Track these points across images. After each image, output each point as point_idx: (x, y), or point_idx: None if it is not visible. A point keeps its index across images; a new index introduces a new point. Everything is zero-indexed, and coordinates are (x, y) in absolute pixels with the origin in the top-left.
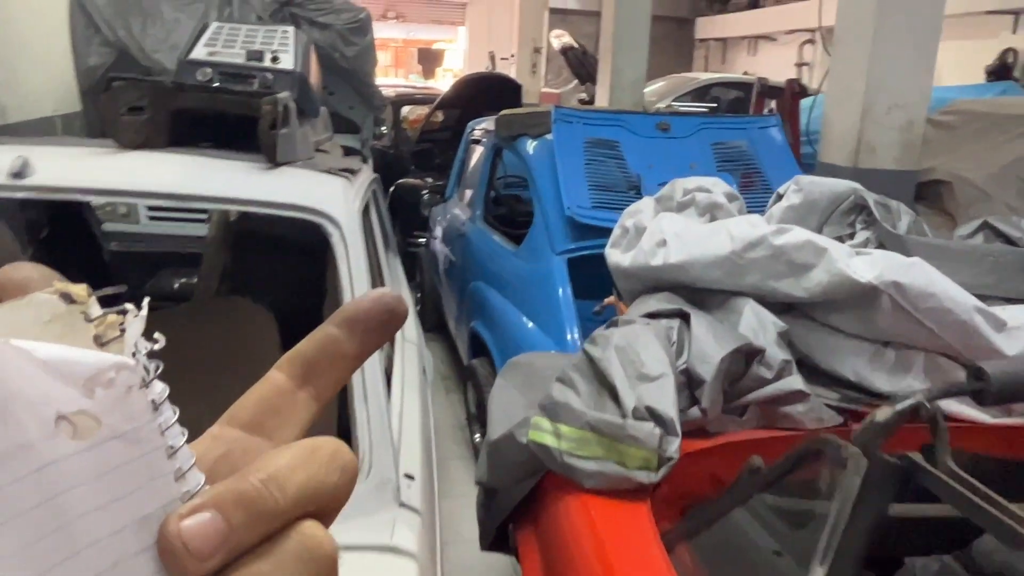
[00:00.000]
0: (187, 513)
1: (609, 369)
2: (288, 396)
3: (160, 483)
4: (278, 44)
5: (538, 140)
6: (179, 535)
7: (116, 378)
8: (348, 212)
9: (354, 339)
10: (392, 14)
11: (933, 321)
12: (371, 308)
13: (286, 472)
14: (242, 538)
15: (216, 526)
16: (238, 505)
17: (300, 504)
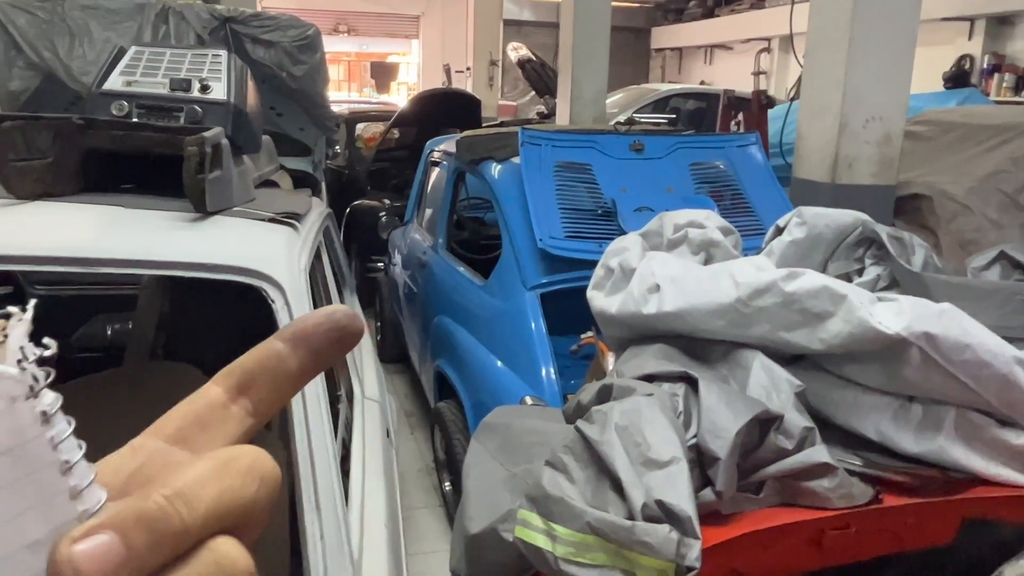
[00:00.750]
0: (80, 536)
1: (610, 454)
2: (219, 409)
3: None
4: (208, 71)
5: (504, 164)
6: (70, 561)
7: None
8: (292, 271)
9: (298, 356)
10: (343, 27)
11: (968, 375)
12: (319, 324)
13: (195, 487)
14: (144, 561)
15: (113, 549)
16: (139, 525)
17: (211, 520)
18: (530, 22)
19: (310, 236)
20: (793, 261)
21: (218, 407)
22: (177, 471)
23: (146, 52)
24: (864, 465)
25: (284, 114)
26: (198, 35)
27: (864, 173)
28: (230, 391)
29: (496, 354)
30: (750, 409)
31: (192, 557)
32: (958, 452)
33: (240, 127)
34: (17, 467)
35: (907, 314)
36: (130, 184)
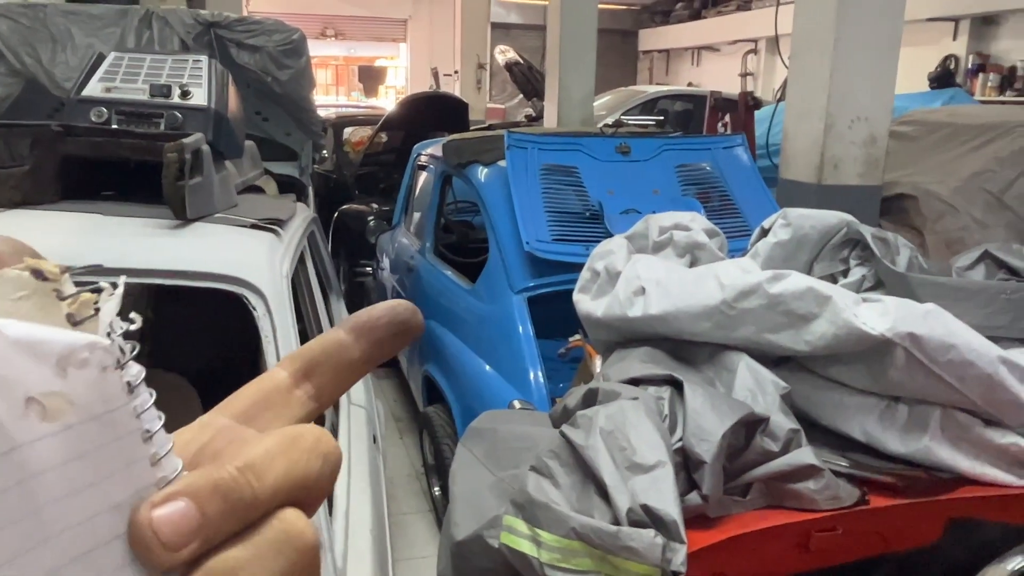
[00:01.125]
0: (160, 501)
1: (595, 459)
2: (284, 392)
3: (135, 468)
4: (188, 76)
5: (490, 167)
6: (150, 524)
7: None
8: (274, 278)
9: (360, 346)
10: (331, 32)
11: (953, 375)
12: (382, 317)
13: (265, 460)
14: (217, 527)
15: (189, 515)
16: (214, 494)
17: (279, 493)
18: (518, 25)
19: (293, 242)
20: (779, 262)
21: (283, 390)
22: (246, 446)
23: (126, 58)
24: (850, 466)
25: (270, 119)
26: (182, 40)
27: (850, 174)
28: (295, 375)
29: (484, 358)
30: (735, 412)
31: (261, 526)
32: (944, 452)
33: (221, 132)
34: (105, 433)
35: (892, 315)
36: (110, 191)
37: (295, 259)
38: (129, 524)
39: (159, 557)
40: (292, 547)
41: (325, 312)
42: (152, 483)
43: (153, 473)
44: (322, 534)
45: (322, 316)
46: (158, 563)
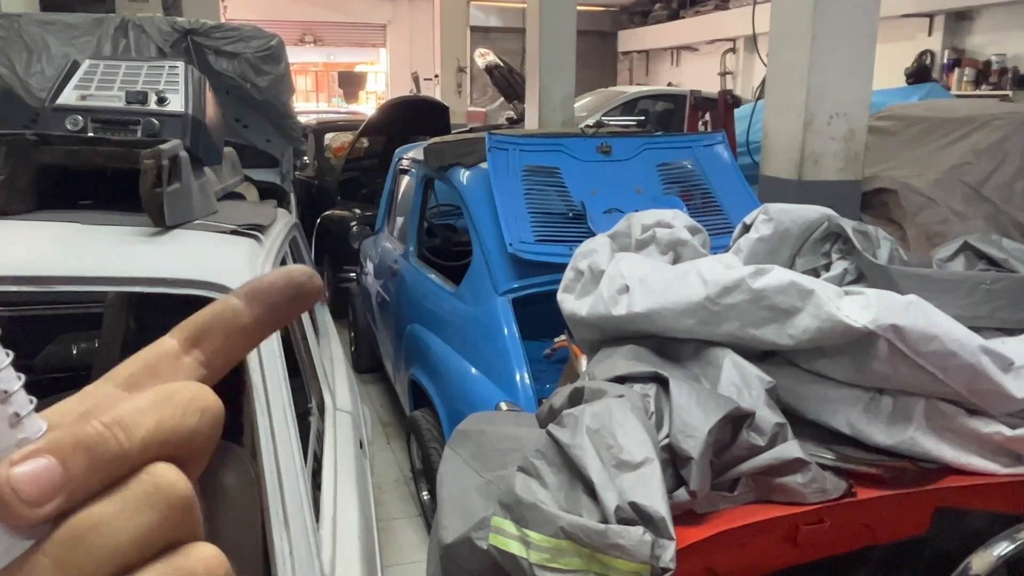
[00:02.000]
0: (19, 459)
1: (582, 457)
2: (171, 359)
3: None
4: (165, 83)
5: (472, 169)
6: (7, 482)
7: None
8: None
9: (253, 311)
10: (310, 38)
11: (936, 366)
12: (276, 281)
13: (134, 415)
14: (82, 483)
15: (51, 471)
16: (77, 449)
17: (150, 448)
18: (497, 28)
19: (274, 247)
20: (761, 258)
21: (171, 356)
22: (117, 403)
23: (101, 65)
24: (837, 459)
25: (250, 126)
26: (159, 48)
27: (830, 169)
28: (183, 343)
29: (470, 361)
30: (721, 407)
31: (130, 480)
32: (928, 442)
33: (199, 139)
34: None
35: (874, 307)
36: (88, 200)
37: (276, 265)
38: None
39: (20, 513)
40: (163, 500)
41: (308, 317)
42: (13, 444)
43: (13, 435)
44: (308, 539)
45: (305, 322)
46: (19, 520)
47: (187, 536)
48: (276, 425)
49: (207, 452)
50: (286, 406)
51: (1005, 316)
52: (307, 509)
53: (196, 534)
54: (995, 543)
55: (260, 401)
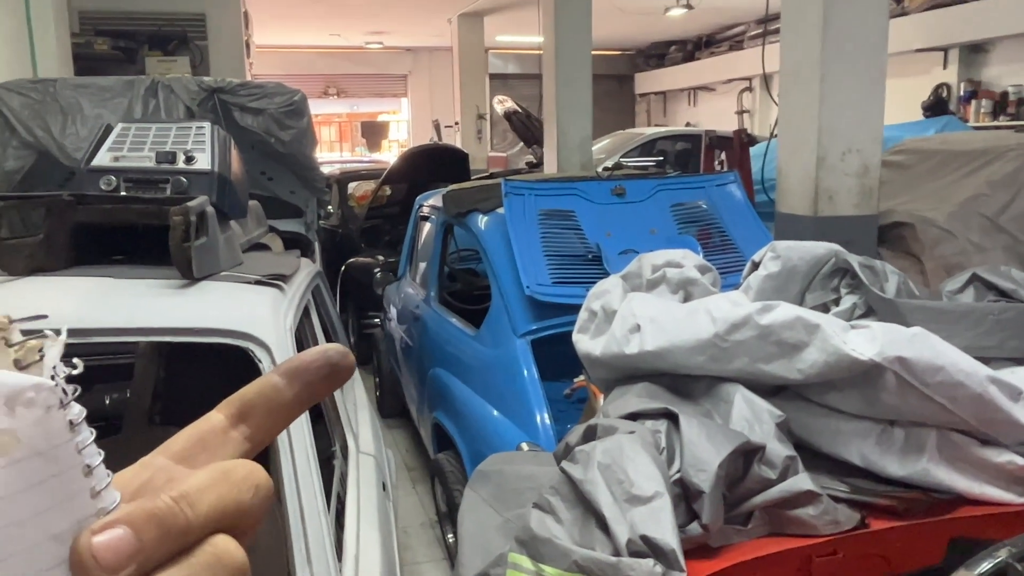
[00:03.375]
0: (99, 529)
1: (594, 493)
2: (220, 433)
3: (76, 500)
4: (192, 143)
5: (490, 215)
6: (89, 549)
7: (36, 398)
8: (279, 331)
9: (293, 388)
10: (333, 90)
11: (944, 396)
12: (314, 361)
13: (197, 491)
14: (153, 552)
15: (127, 541)
16: (149, 521)
17: (212, 521)
18: (515, 75)
19: (297, 296)
20: (770, 294)
21: (219, 431)
22: (181, 479)
23: (132, 128)
24: (850, 491)
25: (274, 178)
26: (187, 107)
27: (845, 204)
28: (231, 418)
29: (491, 403)
30: (731, 441)
31: (195, 550)
32: (942, 473)
33: (225, 194)
34: (48, 467)
35: (879, 340)
36: (120, 255)
37: (299, 312)
38: (71, 550)
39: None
40: (223, 569)
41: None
42: (92, 514)
43: (93, 505)
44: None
45: None
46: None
47: None
48: (299, 468)
49: (258, 524)
50: (309, 449)
51: (1014, 346)
52: (329, 549)
53: None
54: (977, 562)
55: (284, 445)
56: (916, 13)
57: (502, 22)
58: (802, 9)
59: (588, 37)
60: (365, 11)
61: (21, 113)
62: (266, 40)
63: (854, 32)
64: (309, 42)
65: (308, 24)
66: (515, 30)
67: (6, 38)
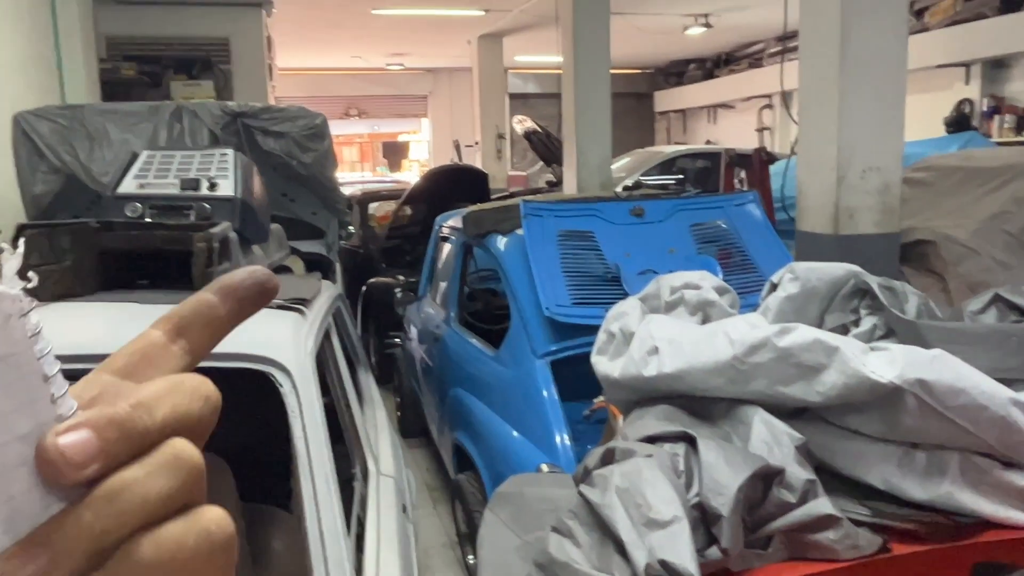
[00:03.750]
0: (64, 430)
1: (612, 517)
2: (161, 348)
3: (37, 405)
4: (216, 169)
5: (509, 236)
6: (56, 447)
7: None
8: (299, 355)
9: (226, 305)
10: (354, 111)
11: (966, 419)
12: (243, 280)
13: (153, 399)
14: (115, 453)
15: (91, 442)
16: (110, 425)
17: (167, 426)
18: (535, 94)
19: (318, 319)
20: (789, 316)
21: (160, 346)
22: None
23: (158, 155)
24: (872, 515)
25: (296, 200)
26: (211, 131)
27: (867, 222)
28: (169, 333)
29: (511, 423)
30: (750, 465)
31: (153, 452)
32: (965, 496)
33: (247, 220)
34: (10, 372)
35: (899, 362)
36: (145, 280)
37: (319, 336)
38: (37, 449)
39: (65, 473)
40: (181, 467)
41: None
42: (52, 418)
43: (53, 410)
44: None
45: (349, 389)
46: (64, 479)
47: (199, 500)
48: (319, 491)
49: (207, 433)
50: (328, 473)
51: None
52: (349, 572)
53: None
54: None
55: (304, 468)
56: (937, 29)
57: (521, 42)
58: (819, 27)
59: (606, 56)
60: (386, 34)
61: (50, 139)
62: (289, 63)
63: (872, 50)
64: (331, 64)
65: (330, 47)
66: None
67: (36, 64)
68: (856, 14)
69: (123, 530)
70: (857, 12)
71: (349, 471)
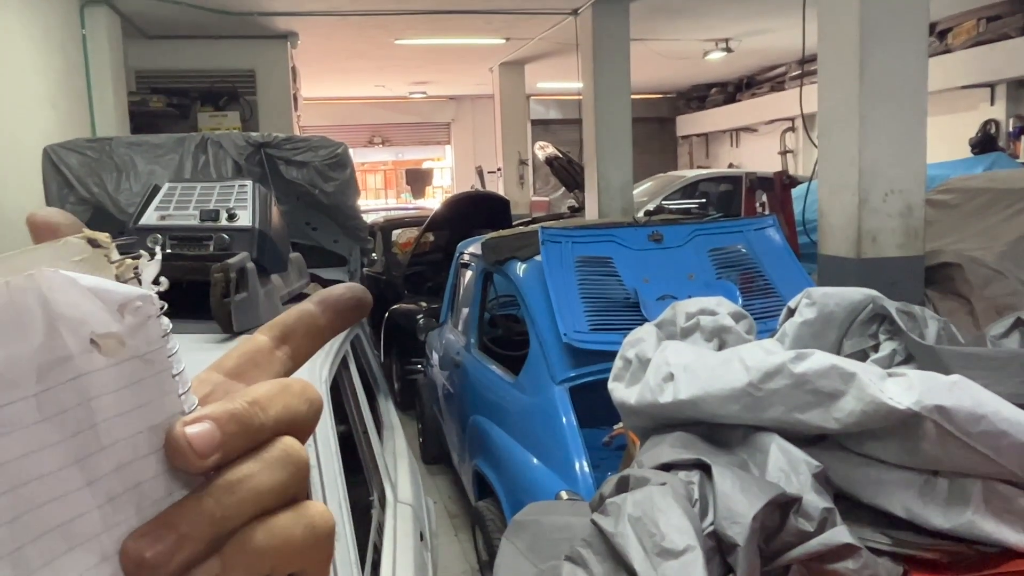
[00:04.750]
0: (190, 421)
1: (625, 546)
2: (267, 353)
3: (167, 398)
4: (235, 201)
5: (528, 262)
6: (184, 436)
7: (141, 307)
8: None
9: (326, 316)
10: (378, 139)
11: (987, 446)
12: (343, 294)
13: (267, 399)
14: (233, 444)
15: (213, 433)
16: (230, 419)
17: (279, 424)
18: (557, 120)
19: (334, 347)
20: (807, 341)
21: (266, 351)
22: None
23: (179, 188)
24: (892, 544)
25: (319, 228)
26: (235, 161)
27: (890, 245)
28: (274, 339)
29: (530, 450)
30: (765, 493)
31: (266, 447)
32: (988, 525)
33: (265, 250)
34: (147, 368)
35: (917, 388)
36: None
37: (335, 364)
38: (167, 438)
39: (191, 461)
40: (292, 462)
41: (370, 412)
42: (179, 411)
43: (180, 403)
44: None
45: (366, 416)
46: (190, 466)
47: (304, 495)
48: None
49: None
50: (342, 501)
51: None
52: None
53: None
54: None
55: (317, 496)
56: (960, 50)
57: (543, 69)
58: (838, 51)
59: (627, 83)
60: (409, 63)
61: (79, 171)
62: (313, 93)
63: (892, 72)
64: (355, 93)
65: (354, 77)
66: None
67: (67, 98)
68: (874, 37)
69: (240, 518)
70: (876, 35)
71: (367, 499)
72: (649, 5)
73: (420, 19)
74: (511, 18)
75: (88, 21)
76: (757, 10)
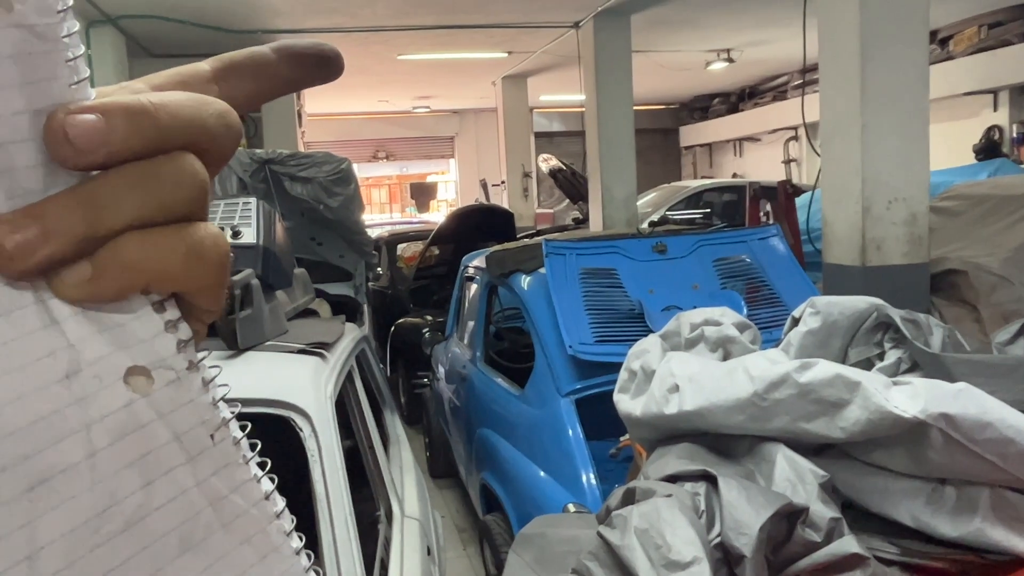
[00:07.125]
0: (75, 110)
1: (631, 558)
2: (203, 81)
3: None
4: (239, 218)
5: (532, 275)
6: (62, 124)
7: None
8: (319, 399)
9: (282, 62)
10: (383, 153)
11: (994, 453)
12: (306, 46)
13: (176, 105)
14: (125, 144)
15: (98, 126)
16: (124, 114)
17: (181, 134)
18: (560, 132)
19: (339, 363)
20: (811, 351)
21: (202, 78)
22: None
23: None
24: (901, 553)
25: (324, 243)
26: (240, 178)
27: (894, 253)
28: (215, 71)
29: (537, 463)
30: (771, 504)
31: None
32: (997, 533)
33: (270, 267)
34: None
35: (922, 396)
36: None
37: (340, 380)
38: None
39: (67, 154)
40: (186, 179)
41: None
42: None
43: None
44: None
45: (372, 431)
46: (67, 160)
47: (200, 217)
48: (338, 534)
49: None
50: (348, 516)
51: None
52: None
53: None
54: None
55: (323, 512)
56: (962, 57)
57: (545, 82)
58: (839, 60)
59: (629, 94)
60: (412, 77)
61: None
62: (317, 108)
63: (893, 80)
64: (358, 109)
65: (357, 92)
66: (558, 89)
67: None
68: (875, 45)
69: (115, 222)
70: (876, 43)
71: (373, 514)
72: (650, 17)
73: (422, 34)
74: (513, 32)
75: (94, 41)
76: (757, 21)
